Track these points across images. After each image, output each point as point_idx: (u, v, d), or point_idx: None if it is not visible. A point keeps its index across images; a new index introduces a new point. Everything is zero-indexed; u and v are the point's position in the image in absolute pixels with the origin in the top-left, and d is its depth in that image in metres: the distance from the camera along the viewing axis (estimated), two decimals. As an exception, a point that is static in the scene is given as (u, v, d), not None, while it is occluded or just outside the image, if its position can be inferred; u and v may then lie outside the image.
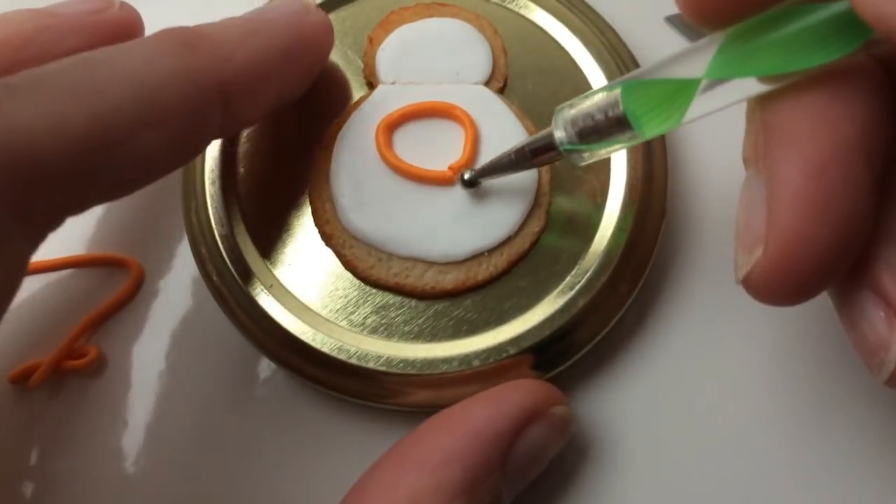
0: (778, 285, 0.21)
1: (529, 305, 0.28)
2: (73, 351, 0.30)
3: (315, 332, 0.27)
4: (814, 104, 0.20)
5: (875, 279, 0.21)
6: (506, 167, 0.27)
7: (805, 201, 0.20)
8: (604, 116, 0.23)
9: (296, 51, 0.27)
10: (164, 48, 0.23)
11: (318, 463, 0.29)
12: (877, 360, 0.21)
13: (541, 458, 0.27)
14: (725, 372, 0.29)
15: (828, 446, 0.28)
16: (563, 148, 0.25)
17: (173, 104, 0.23)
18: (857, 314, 0.21)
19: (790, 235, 0.20)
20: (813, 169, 0.20)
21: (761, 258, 0.20)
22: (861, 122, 0.20)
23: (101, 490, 0.29)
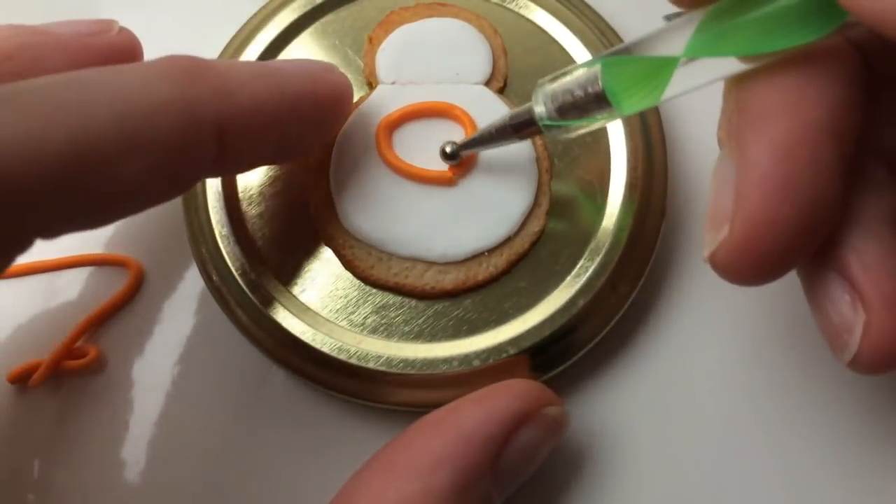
0: (742, 265, 0.21)
1: (529, 305, 0.28)
2: (73, 351, 0.30)
3: (315, 332, 0.27)
4: (787, 85, 0.20)
5: (841, 263, 0.21)
6: (487, 140, 0.27)
7: (772, 182, 0.20)
8: (583, 92, 0.23)
9: (306, 104, 0.25)
10: (164, 73, 0.22)
11: (318, 462, 0.29)
12: (840, 343, 0.22)
13: (532, 460, 0.26)
14: (725, 373, 0.29)
15: (828, 446, 0.29)
16: (543, 123, 0.25)
17: (164, 133, 0.21)
18: (823, 297, 0.22)
19: (756, 216, 0.20)
20: (782, 150, 0.20)
21: (727, 237, 0.21)
22: (833, 106, 0.20)
23: (100, 490, 0.29)
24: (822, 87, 0.20)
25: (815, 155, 0.20)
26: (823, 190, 0.20)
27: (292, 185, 0.29)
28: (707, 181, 0.31)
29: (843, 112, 0.20)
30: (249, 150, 0.25)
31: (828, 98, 0.20)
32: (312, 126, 0.26)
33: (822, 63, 0.20)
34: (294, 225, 0.29)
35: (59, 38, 0.26)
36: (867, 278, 0.21)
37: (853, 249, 0.21)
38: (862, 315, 0.21)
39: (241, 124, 0.23)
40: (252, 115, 0.23)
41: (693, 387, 0.29)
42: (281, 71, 0.25)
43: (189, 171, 0.23)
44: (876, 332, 0.21)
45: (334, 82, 0.27)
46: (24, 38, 0.25)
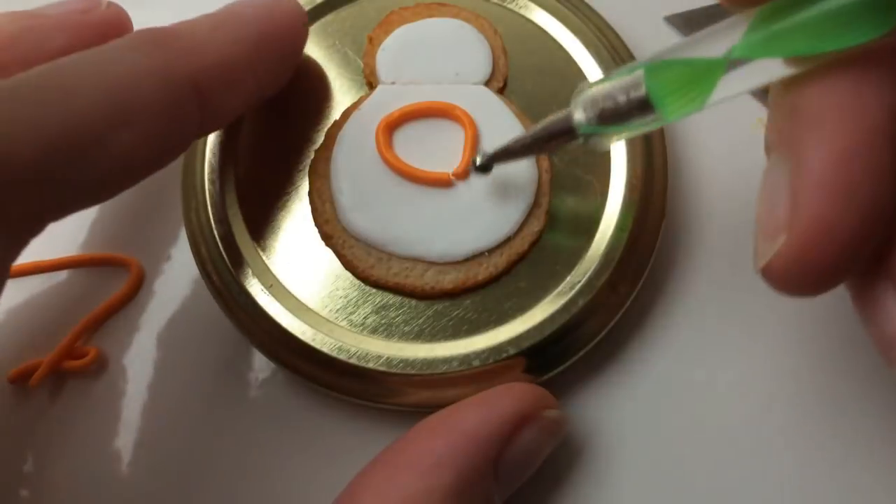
0: (800, 274, 0.20)
1: (529, 306, 0.28)
2: (73, 351, 0.30)
3: (315, 332, 0.27)
4: (842, 88, 0.20)
5: (894, 270, 0.21)
6: (520, 151, 0.26)
7: (831, 188, 0.19)
8: (626, 97, 0.23)
9: (267, 40, 0.27)
10: (135, 48, 0.24)
11: (318, 462, 0.29)
12: (894, 354, 0.21)
13: (532, 461, 0.27)
14: (725, 375, 0.29)
15: (828, 449, 0.28)
16: (582, 130, 0.24)
17: (147, 102, 0.23)
18: (877, 306, 0.21)
19: (815, 223, 0.19)
20: (840, 156, 0.19)
21: (783, 246, 0.20)
22: (891, 109, 0.20)
23: (100, 490, 0.29)
24: (880, 90, 0.20)
25: (874, 159, 0.19)
26: (883, 195, 0.19)
27: (292, 185, 0.29)
28: (708, 182, 0.31)
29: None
30: (229, 99, 0.26)
31: (885, 100, 0.20)
32: (278, 59, 0.28)
33: (879, 64, 0.20)
34: (294, 225, 0.29)
35: (56, 19, 0.27)
36: None
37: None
38: None
39: (214, 77, 0.25)
40: (222, 66, 0.25)
41: (692, 388, 0.29)
42: (239, 16, 0.26)
43: (178, 133, 0.25)
44: None
45: (286, 10, 0.28)
46: (22, 22, 0.27)
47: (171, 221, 0.31)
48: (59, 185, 0.22)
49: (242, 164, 0.29)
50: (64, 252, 0.31)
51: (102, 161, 0.22)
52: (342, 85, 0.30)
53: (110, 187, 0.24)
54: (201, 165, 0.29)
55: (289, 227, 0.29)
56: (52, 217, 0.23)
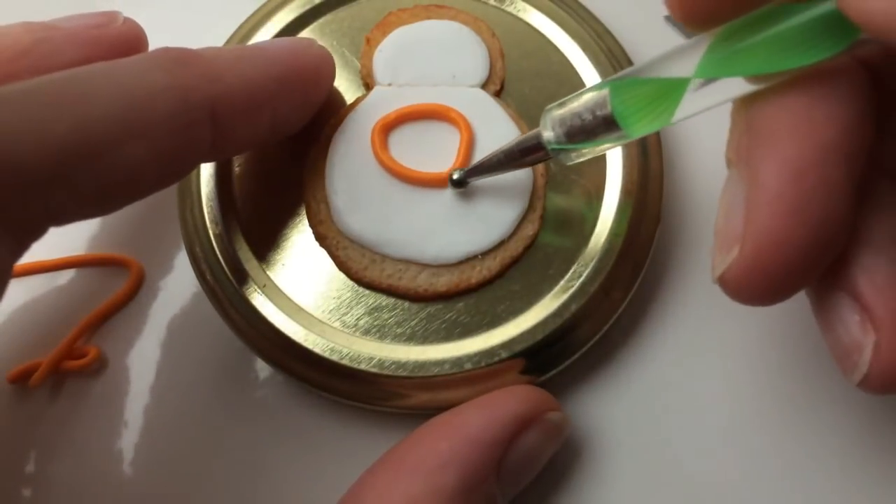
0: (752, 285, 0.21)
1: (522, 309, 0.28)
2: (73, 351, 0.30)
3: (308, 333, 0.27)
4: (796, 106, 0.20)
5: (851, 282, 0.21)
6: (495, 167, 0.27)
7: (783, 204, 0.20)
8: (591, 116, 0.23)
9: (292, 79, 0.27)
10: (155, 64, 0.24)
11: (312, 463, 0.29)
12: (850, 363, 0.21)
13: (534, 464, 0.27)
14: (717, 380, 0.29)
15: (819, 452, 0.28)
16: (551, 147, 0.25)
17: (160, 118, 0.23)
18: (833, 317, 0.22)
19: (767, 237, 0.20)
20: (792, 171, 0.20)
21: (737, 258, 0.20)
22: (842, 126, 0.20)
23: (100, 490, 0.29)
24: (832, 107, 0.20)
25: (825, 175, 0.20)
26: (834, 210, 0.20)
27: (287, 185, 0.29)
28: (703, 187, 0.31)
29: (853, 131, 0.20)
30: (243, 130, 0.26)
31: (837, 117, 0.20)
32: (299, 101, 0.28)
33: (832, 82, 0.20)
34: (288, 225, 0.29)
35: (70, 32, 0.27)
36: (877, 298, 0.21)
37: (863, 269, 0.21)
38: (872, 335, 0.21)
39: (232, 105, 0.25)
40: (242, 95, 0.25)
41: (685, 394, 0.29)
42: (264, 51, 0.26)
43: (188, 154, 0.25)
44: (886, 353, 0.21)
45: (315, 55, 0.28)
46: (37, 34, 0.27)
47: (172, 222, 0.31)
48: (65, 191, 0.22)
49: (238, 164, 0.29)
50: (64, 252, 0.31)
51: (110, 172, 0.22)
52: (339, 85, 0.30)
53: (115, 200, 0.24)
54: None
55: (283, 228, 0.29)
56: (54, 223, 0.23)
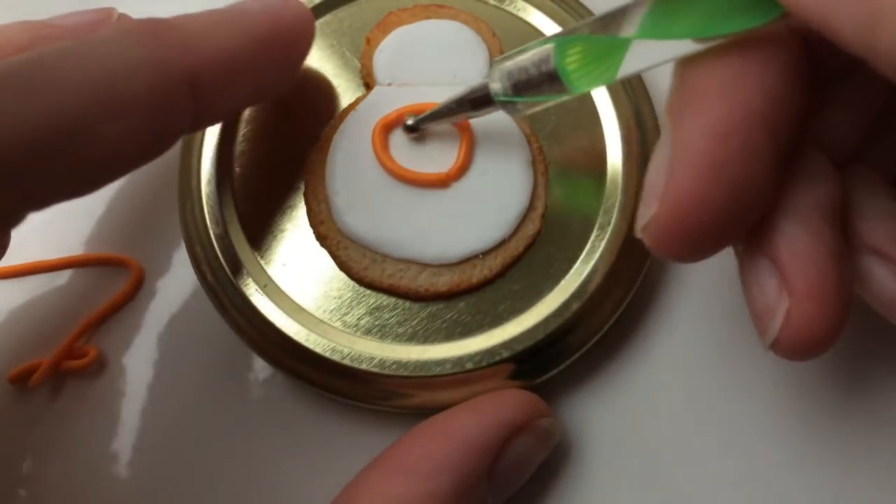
0: (669, 241, 0.21)
1: (523, 309, 0.28)
2: (73, 351, 0.30)
3: (309, 333, 0.27)
4: (727, 70, 0.21)
5: (772, 248, 0.22)
6: (445, 114, 0.27)
7: (702, 164, 0.20)
8: (536, 70, 0.24)
9: (272, 41, 0.26)
10: (130, 38, 0.23)
11: (312, 463, 0.29)
12: (762, 326, 0.22)
13: (525, 469, 0.27)
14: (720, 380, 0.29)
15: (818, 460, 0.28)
16: (498, 99, 0.25)
17: (139, 94, 0.22)
18: (752, 279, 0.22)
19: (684, 195, 0.20)
20: (715, 134, 0.20)
21: (656, 213, 0.21)
22: (770, 93, 0.20)
23: (100, 490, 0.29)
24: (762, 74, 0.20)
25: (747, 141, 0.20)
26: (753, 176, 0.20)
27: (288, 185, 0.29)
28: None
29: (781, 100, 0.21)
30: (225, 97, 0.25)
31: (765, 85, 0.20)
32: (281, 62, 0.27)
33: (764, 50, 0.21)
34: (289, 225, 0.29)
35: (66, 29, 0.27)
36: (794, 265, 0.21)
37: (784, 236, 0.21)
38: (786, 301, 0.21)
39: (212, 74, 0.24)
40: (221, 63, 0.24)
41: (686, 393, 0.29)
42: (241, 14, 0.26)
43: (169, 128, 0.24)
44: (796, 319, 0.21)
45: (293, 13, 0.27)
46: (34, 32, 0.26)
47: (172, 222, 0.31)
48: (43, 174, 0.21)
49: (238, 164, 0.29)
50: (64, 252, 0.31)
51: (89, 152, 0.22)
52: (339, 85, 0.30)
53: (95, 179, 0.24)
54: (197, 165, 0.29)
55: (284, 228, 0.29)
56: (33, 208, 0.22)
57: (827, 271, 0.21)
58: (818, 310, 0.21)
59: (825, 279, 0.21)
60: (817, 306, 0.21)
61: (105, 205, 0.32)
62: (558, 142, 0.29)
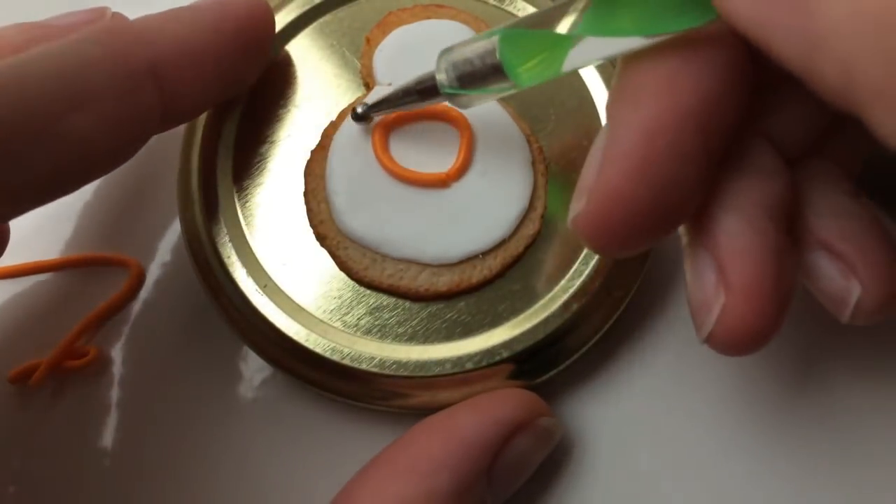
0: (596, 235, 0.21)
1: (523, 309, 0.28)
2: (73, 351, 0.30)
3: (309, 333, 0.27)
4: (662, 69, 0.21)
5: (713, 243, 0.22)
6: (393, 103, 0.27)
7: (630, 162, 0.20)
8: (481, 63, 0.24)
9: (227, 30, 0.27)
10: (88, 38, 0.24)
11: (312, 463, 0.29)
12: (699, 320, 0.22)
13: (525, 468, 0.27)
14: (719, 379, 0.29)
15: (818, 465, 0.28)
16: (444, 91, 0.25)
17: (101, 86, 0.23)
18: (693, 272, 0.22)
19: (610, 191, 0.21)
20: (644, 133, 0.20)
21: (584, 207, 0.21)
22: (703, 94, 0.20)
23: (100, 490, 0.29)
24: (696, 75, 0.20)
25: (677, 141, 0.20)
26: (681, 176, 0.20)
27: (287, 185, 0.29)
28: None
29: (714, 102, 0.21)
30: (191, 89, 0.26)
31: (700, 86, 0.20)
32: (240, 50, 0.27)
33: (702, 51, 0.21)
34: (289, 225, 0.29)
35: (61, 30, 0.27)
36: (732, 261, 0.21)
37: (725, 231, 0.22)
38: (722, 297, 0.21)
39: (172, 65, 0.25)
40: (179, 54, 0.25)
41: (686, 393, 0.29)
42: (196, 8, 0.27)
43: (137, 121, 0.25)
44: (730, 316, 0.21)
45: (247, 2, 0.28)
46: (28, 33, 0.27)
47: (171, 221, 0.31)
48: (17, 173, 0.22)
49: (238, 164, 0.29)
50: (64, 252, 0.31)
51: (59, 147, 0.23)
52: (339, 85, 0.30)
53: (71, 178, 0.24)
54: (197, 165, 0.29)
55: (284, 228, 0.29)
56: (14, 209, 0.23)
57: (765, 268, 0.21)
58: (753, 306, 0.21)
59: (763, 276, 0.21)
60: (752, 303, 0.21)
61: (105, 205, 0.32)
62: (558, 142, 0.29)
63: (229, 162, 0.29)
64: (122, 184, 0.32)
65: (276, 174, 0.29)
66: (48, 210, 0.26)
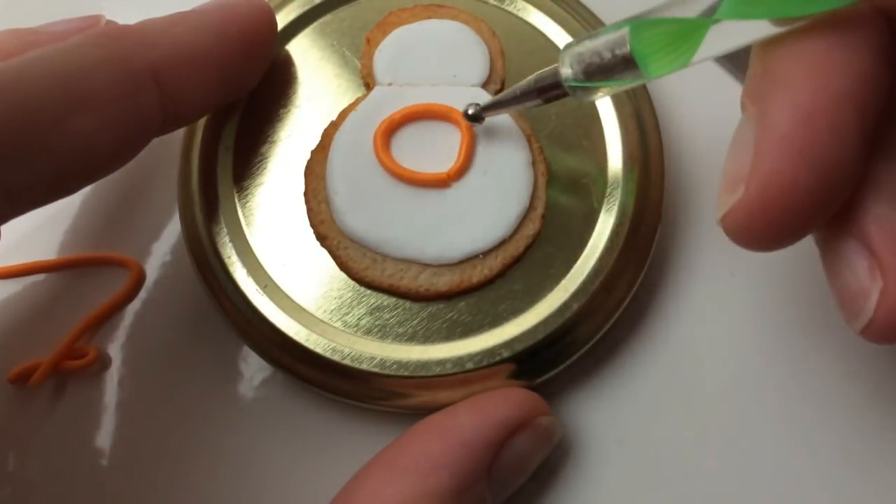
0: (755, 227, 0.21)
1: (524, 308, 0.28)
2: (73, 351, 0.30)
3: (309, 333, 0.27)
4: (812, 51, 0.20)
5: (861, 229, 0.21)
6: (511, 102, 0.27)
7: (791, 146, 0.20)
8: (610, 55, 0.23)
9: (229, 32, 0.27)
10: (90, 41, 0.24)
11: (313, 463, 0.29)
12: (855, 309, 0.21)
13: (525, 468, 0.27)
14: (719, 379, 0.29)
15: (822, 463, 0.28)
16: (569, 85, 0.25)
17: (102, 87, 0.24)
18: (841, 262, 0.22)
19: (772, 177, 0.20)
20: (802, 115, 0.20)
21: (742, 198, 0.21)
22: (856, 75, 0.20)
23: (100, 489, 0.29)
24: (847, 55, 0.20)
25: (835, 122, 0.20)
26: (841, 157, 0.20)
27: (288, 185, 0.29)
28: (705, 186, 0.31)
29: (867, 80, 0.20)
30: (192, 92, 0.26)
31: (851, 66, 0.20)
32: (241, 53, 0.28)
33: (849, 31, 0.20)
34: (289, 225, 0.29)
35: (55, 36, 0.27)
36: (886, 245, 0.21)
37: (874, 216, 0.21)
38: (879, 282, 0.21)
39: (174, 68, 0.25)
40: (181, 57, 0.25)
41: (687, 393, 0.29)
42: (197, 11, 0.27)
43: (139, 123, 0.25)
44: (892, 299, 0.21)
45: (251, 6, 0.28)
46: (23, 38, 0.27)
47: (172, 222, 0.31)
48: (20, 173, 0.22)
49: (238, 164, 0.29)
50: (64, 252, 0.31)
51: (62, 147, 0.23)
52: (340, 85, 0.30)
53: (74, 178, 0.25)
54: (197, 165, 0.29)
55: (284, 228, 0.29)
56: (16, 208, 0.23)
57: None
58: None
59: None
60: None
61: (105, 205, 0.32)
62: (558, 142, 0.29)
63: (229, 162, 0.29)
64: (122, 184, 0.32)
65: (277, 174, 0.29)
66: (48, 210, 0.26)
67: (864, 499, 0.28)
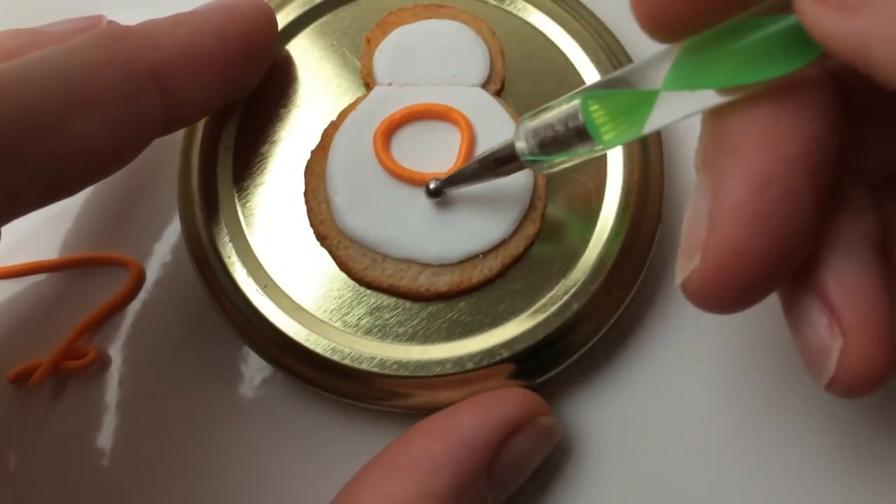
0: (713, 294, 0.21)
1: (523, 309, 0.28)
2: (73, 351, 0.30)
3: (309, 333, 0.27)
4: (762, 118, 0.20)
5: (820, 285, 0.21)
6: (470, 177, 0.27)
7: (745, 215, 0.20)
8: (564, 127, 0.23)
9: (229, 33, 0.27)
10: (92, 42, 0.24)
11: (313, 463, 0.29)
12: (818, 367, 0.21)
13: (525, 467, 0.27)
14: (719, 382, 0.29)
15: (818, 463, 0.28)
16: (525, 158, 0.25)
17: (104, 88, 0.24)
18: (801, 319, 0.22)
19: (728, 246, 0.20)
20: (755, 183, 0.20)
21: (699, 265, 0.21)
22: (807, 138, 0.20)
23: (100, 490, 0.29)
24: (797, 120, 0.20)
25: (788, 188, 0.20)
26: (796, 221, 0.20)
27: (288, 185, 0.29)
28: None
29: (818, 143, 0.20)
30: (193, 93, 0.26)
31: (802, 130, 0.20)
32: (242, 53, 0.28)
33: (798, 95, 0.20)
34: (289, 225, 0.29)
35: (55, 36, 0.28)
36: (845, 301, 0.21)
37: (832, 271, 0.21)
38: (839, 339, 0.21)
39: (175, 69, 0.25)
40: (182, 58, 0.26)
41: (687, 393, 0.29)
42: (198, 12, 0.27)
43: (140, 124, 0.25)
44: (852, 356, 0.21)
45: (252, 7, 0.28)
46: (24, 38, 0.27)
47: (172, 222, 0.31)
48: (22, 173, 0.22)
49: (238, 164, 0.29)
50: (64, 252, 0.31)
51: (63, 147, 0.23)
52: (339, 85, 0.30)
53: (75, 179, 0.25)
54: (197, 165, 0.29)
55: (284, 228, 0.29)
56: (18, 209, 0.23)
57: (879, 303, 0.21)
58: (874, 344, 0.20)
59: (878, 312, 0.21)
60: (872, 341, 0.20)
61: (105, 205, 0.32)
62: (558, 142, 0.29)
63: (229, 162, 0.29)
64: (122, 184, 0.32)
65: (277, 174, 0.29)
66: (49, 210, 0.26)
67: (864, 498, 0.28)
